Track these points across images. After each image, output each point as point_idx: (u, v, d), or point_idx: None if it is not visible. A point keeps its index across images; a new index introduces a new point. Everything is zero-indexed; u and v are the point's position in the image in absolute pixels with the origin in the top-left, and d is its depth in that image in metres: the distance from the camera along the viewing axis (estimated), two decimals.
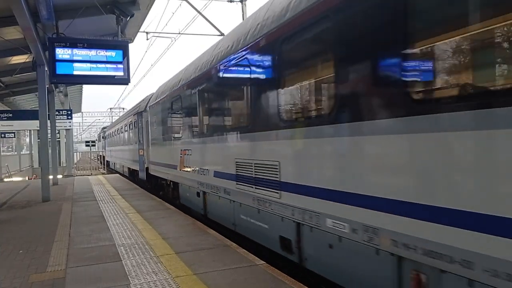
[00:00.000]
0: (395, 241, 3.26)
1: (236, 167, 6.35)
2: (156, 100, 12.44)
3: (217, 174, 7.30)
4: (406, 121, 3.12)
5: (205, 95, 7.94)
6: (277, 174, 5.12)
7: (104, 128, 44.62)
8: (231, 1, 14.79)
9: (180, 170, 9.89)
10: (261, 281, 4.31)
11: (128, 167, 20.76)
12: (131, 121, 18.70)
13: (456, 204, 2.74)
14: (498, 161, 2.50)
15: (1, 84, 18.72)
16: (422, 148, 3.01)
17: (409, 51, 3.14)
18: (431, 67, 3.17)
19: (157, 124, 12.58)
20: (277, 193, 5.12)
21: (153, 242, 6.17)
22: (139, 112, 16.01)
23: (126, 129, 20.86)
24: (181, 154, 9.72)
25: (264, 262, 4.98)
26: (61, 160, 30.82)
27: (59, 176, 19.58)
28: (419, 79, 3.24)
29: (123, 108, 50.60)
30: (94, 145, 39.84)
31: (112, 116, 57.77)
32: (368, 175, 3.58)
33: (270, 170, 5.30)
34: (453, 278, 2.78)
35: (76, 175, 25.33)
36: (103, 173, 30.07)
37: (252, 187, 5.83)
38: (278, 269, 4.84)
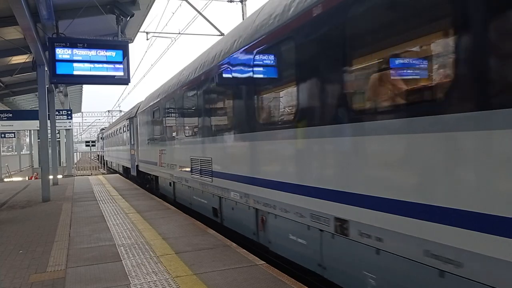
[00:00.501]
0: (254, 200, 5.85)
1: (191, 162, 8.90)
2: (143, 109, 15.01)
3: (189, 169, 9.58)
4: (250, 136, 5.92)
5: (173, 108, 10.61)
6: (210, 166, 7.70)
7: (102, 129, 47.28)
8: (231, 1, 14.78)
9: (159, 166, 12.46)
10: (261, 281, 4.31)
11: (122, 165, 23.52)
12: (124, 125, 21.29)
13: (268, 176, 5.39)
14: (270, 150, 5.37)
15: (1, 84, 18.71)
16: (252, 148, 5.84)
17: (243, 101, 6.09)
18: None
19: (143, 128, 15.22)
20: (211, 178, 7.70)
21: (153, 242, 6.18)
22: (130, 118, 18.34)
23: (120, 132, 23.68)
24: (159, 153, 12.25)
25: (264, 262, 4.98)
26: (61, 160, 30.80)
27: (59, 176, 19.58)
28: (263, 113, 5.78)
29: (120, 111, 52.73)
30: (94, 145, 39.96)
31: (112, 116, 58.30)
32: (240, 164, 6.35)
33: (207, 164, 7.86)
34: (272, 216, 5.43)
35: (76, 175, 25.33)
36: (103, 173, 30.09)
37: (199, 176, 8.39)
38: (278, 269, 4.85)
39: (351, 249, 3.86)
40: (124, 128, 21.01)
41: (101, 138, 44.06)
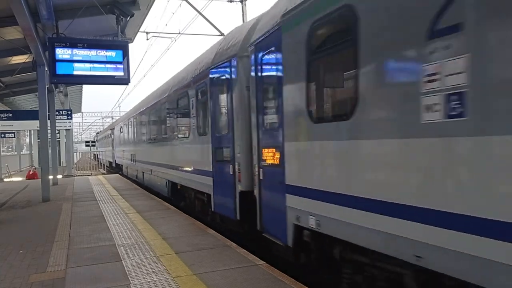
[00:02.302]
0: (142, 169, 16.22)
1: (130, 156, 19.08)
2: (116, 125, 26.51)
3: (130, 159, 19.14)
4: (140, 145, 16.90)
5: (123, 130, 21.93)
6: (135, 157, 17.69)
7: (97, 133, 59.91)
8: (231, 1, 14.79)
9: (122, 159, 22.95)
10: (261, 281, 4.31)
11: (108, 160, 33.88)
12: (109, 133, 32.27)
13: (150, 160, 14.30)
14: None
15: (1, 84, 18.72)
16: (142, 150, 16.26)
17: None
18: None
19: (116, 137, 25.74)
20: (135, 163, 17.86)
21: (153, 242, 6.18)
22: (112, 129, 29.63)
23: (106, 137, 34.96)
24: (122, 152, 22.49)
25: (264, 262, 4.98)
26: (61, 160, 30.80)
27: (59, 176, 19.59)
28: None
29: (112, 118, 61.36)
30: (94, 145, 40.22)
31: (112, 117, 59.46)
32: (142, 156, 15.90)
33: (134, 156, 18.14)
34: (145, 174, 15.81)
35: (76, 175, 25.33)
36: (103, 173, 30.08)
37: (133, 162, 18.49)
38: (278, 269, 4.84)
39: (153, 178, 13.73)
40: (108, 135, 32.24)
41: (96, 140, 52.42)
